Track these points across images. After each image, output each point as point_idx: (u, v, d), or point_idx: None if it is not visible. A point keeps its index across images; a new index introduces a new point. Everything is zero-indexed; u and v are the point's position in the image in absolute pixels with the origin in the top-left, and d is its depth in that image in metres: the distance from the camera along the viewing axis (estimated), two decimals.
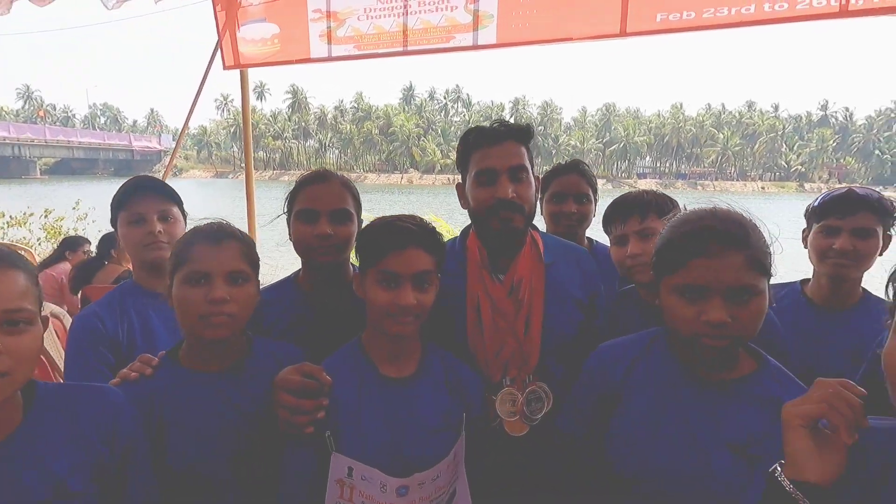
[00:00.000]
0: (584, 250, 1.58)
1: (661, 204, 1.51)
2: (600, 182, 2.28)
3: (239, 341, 1.24)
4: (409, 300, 1.15)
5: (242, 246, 1.19)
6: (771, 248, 1.01)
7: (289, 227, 1.48)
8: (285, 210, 1.49)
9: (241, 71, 3.60)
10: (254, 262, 1.22)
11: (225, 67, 3.52)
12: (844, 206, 1.48)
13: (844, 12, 2.48)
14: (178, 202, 1.59)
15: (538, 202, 2.10)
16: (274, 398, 1.15)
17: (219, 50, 3.49)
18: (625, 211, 1.55)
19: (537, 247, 1.48)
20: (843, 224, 1.47)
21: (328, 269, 1.45)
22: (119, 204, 1.53)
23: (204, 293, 1.12)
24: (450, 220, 7.53)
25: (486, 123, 1.42)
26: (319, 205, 1.41)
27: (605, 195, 1.93)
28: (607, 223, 1.62)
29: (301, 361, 1.22)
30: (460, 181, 1.49)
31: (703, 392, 1.07)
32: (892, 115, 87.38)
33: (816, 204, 1.56)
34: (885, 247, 1.51)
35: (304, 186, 1.46)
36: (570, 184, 2.02)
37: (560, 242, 1.57)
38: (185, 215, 1.61)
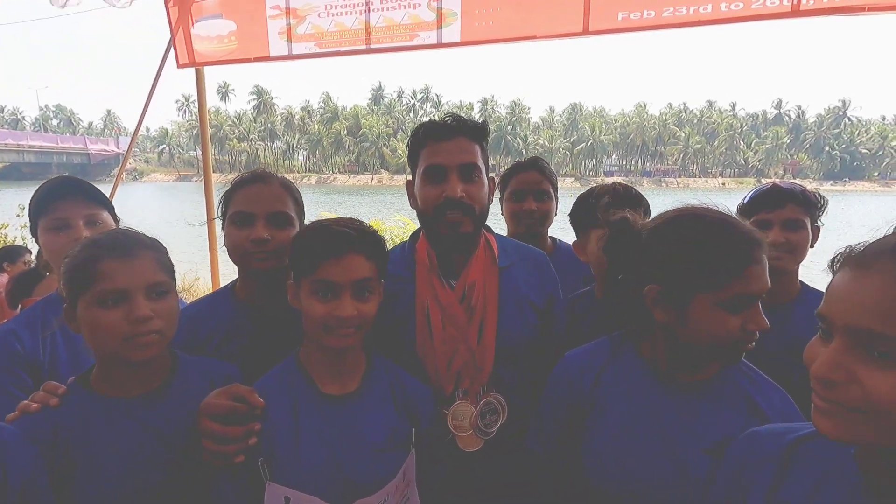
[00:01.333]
0: (540, 253, 1.52)
1: (631, 196, 1.50)
2: (569, 180, 2.28)
3: (162, 361, 1.13)
4: (349, 311, 1.06)
5: (157, 254, 1.08)
6: None
7: (224, 231, 1.38)
8: (220, 213, 1.38)
9: (196, 70, 3.46)
10: (170, 270, 1.11)
11: (179, 66, 3.37)
12: (772, 200, 1.50)
13: (796, 12, 2.56)
14: (108, 206, 1.46)
15: (503, 203, 2.05)
16: (198, 427, 1.04)
17: (172, 48, 3.34)
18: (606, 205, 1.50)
19: (491, 250, 1.41)
20: (772, 217, 1.50)
21: (266, 276, 1.34)
22: (39, 209, 1.38)
23: (124, 313, 0.99)
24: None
25: (439, 117, 1.35)
26: (256, 207, 1.31)
27: (574, 193, 1.89)
28: (579, 218, 1.58)
29: (236, 380, 1.13)
30: (410, 178, 1.42)
31: (675, 396, 1.05)
32: (840, 112, 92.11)
33: (746, 201, 1.59)
34: (815, 238, 1.55)
35: (240, 188, 1.35)
36: (530, 181, 1.97)
37: (515, 245, 1.51)
38: (117, 221, 1.48)
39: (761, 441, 0.84)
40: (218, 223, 1.41)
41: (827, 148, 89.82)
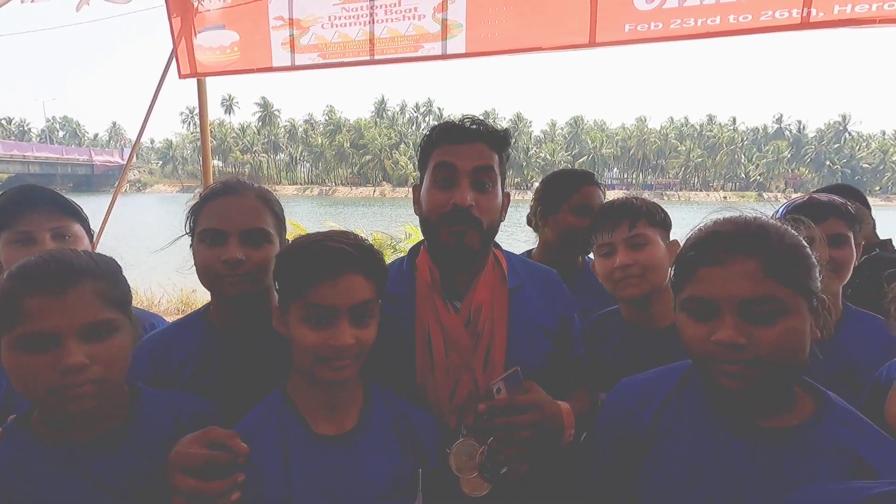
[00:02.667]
0: (551, 271, 1.40)
1: (651, 210, 1.40)
2: None
3: (118, 397, 0.96)
4: (347, 340, 0.93)
5: (100, 284, 0.88)
6: (815, 263, 0.84)
7: (192, 250, 1.21)
8: (188, 230, 1.20)
9: (198, 80, 3.43)
10: (120, 301, 0.92)
11: (180, 76, 3.34)
12: (812, 214, 1.31)
13: (806, 24, 2.52)
14: (80, 218, 1.35)
15: (547, 212, 1.83)
16: (169, 482, 0.88)
17: (174, 58, 3.31)
18: (613, 217, 1.39)
19: (501, 268, 1.28)
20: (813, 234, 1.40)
21: (241, 301, 1.18)
22: (1, 220, 1.27)
23: (52, 360, 0.82)
24: None
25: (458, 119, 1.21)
26: (228, 223, 1.14)
27: None
28: (592, 233, 1.46)
29: (209, 417, 0.99)
30: (417, 183, 1.28)
31: (752, 443, 0.86)
32: (840, 127, 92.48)
33: (779, 216, 1.46)
34: (860, 255, 1.42)
35: (209, 200, 1.18)
36: (596, 198, 1.81)
37: (527, 264, 1.38)
38: (91, 235, 1.38)
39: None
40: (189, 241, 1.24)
41: (828, 162, 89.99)
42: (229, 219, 1.15)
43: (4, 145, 71.22)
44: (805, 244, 0.85)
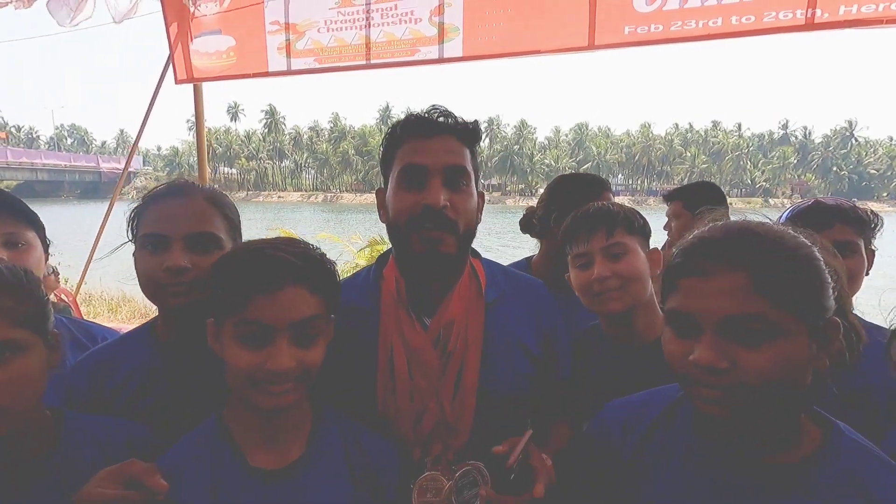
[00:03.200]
0: (537, 283, 1.27)
1: (629, 217, 1.28)
2: None
3: (39, 424, 0.86)
4: (284, 362, 0.81)
5: (2, 299, 0.78)
6: (828, 279, 0.72)
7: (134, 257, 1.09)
8: (130, 236, 1.09)
9: (194, 85, 3.41)
10: (31, 317, 0.82)
11: (177, 82, 3.33)
12: (816, 221, 1.23)
13: (810, 25, 2.46)
14: (36, 226, 1.27)
15: (551, 217, 1.71)
16: None
17: (170, 64, 3.30)
18: (588, 225, 1.27)
19: (477, 279, 1.15)
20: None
21: (187, 314, 1.04)
22: None
23: None
24: None
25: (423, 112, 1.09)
26: (171, 227, 1.03)
27: None
28: (566, 242, 1.33)
29: (141, 446, 0.89)
30: (382, 186, 1.16)
31: (750, 481, 0.75)
32: (847, 133, 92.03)
33: (783, 222, 1.38)
34: (870, 265, 1.33)
35: (152, 203, 1.07)
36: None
37: (508, 273, 1.24)
38: (46, 244, 1.30)
39: None
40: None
41: (835, 168, 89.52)
42: (173, 223, 1.04)
43: (13, 153, 72.16)
44: (817, 256, 0.72)
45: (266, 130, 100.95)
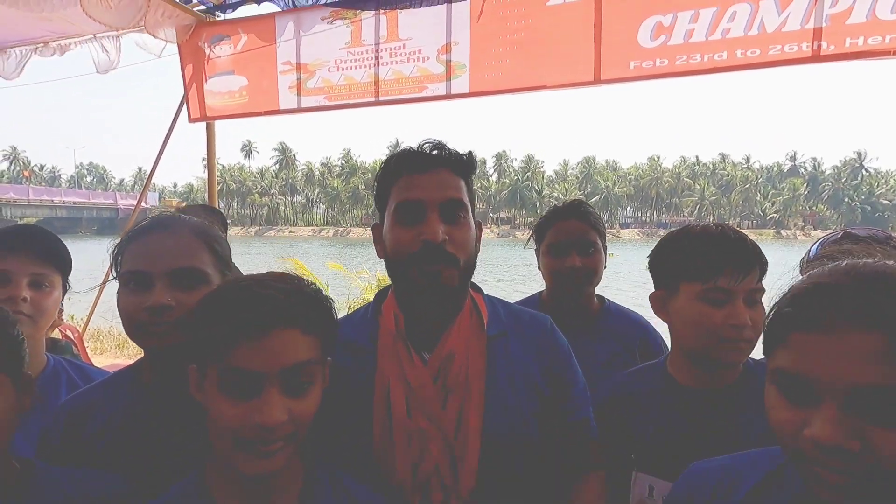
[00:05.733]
0: (543, 318, 1.19)
1: (764, 260, 1.11)
2: None
3: (4, 475, 0.80)
4: (275, 415, 0.73)
5: None
6: None
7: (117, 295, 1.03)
8: (114, 274, 1.03)
9: (207, 124, 3.50)
10: (3, 356, 0.78)
11: (190, 120, 3.41)
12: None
13: (816, 57, 2.47)
14: (62, 269, 1.27)
15: (539, 257, 1.67)
16: None
17: (185, 103, 3.39)
18: (742, 262, 1.08)
19: (478, 313, 1.10)
20: None
21: (171, 355, 0.97)
22: None
23: None
24: None
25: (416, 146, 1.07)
26: (152, 264, 0.97)
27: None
28: (694, 268, 1.11)
29: (118, 501, 0.83)
30: (378, 221, 1.13)
31: None
32: (857, 164, 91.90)
33: (812, 254, 1.24)
34: None
35: (134, 239, 1.01)
36: (573, 231, 1.62)
37: (513, 310, 1.19)
38: (66, 289, 1.30)
39: None
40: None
41: (846, 199, 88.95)
42: (155, 259, 0.98)
43: (35, 191, 74.33)
44: None
45: (278, 167, 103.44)
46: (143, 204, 4.25)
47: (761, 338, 0.73)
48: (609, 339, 1.56)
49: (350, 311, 1.27)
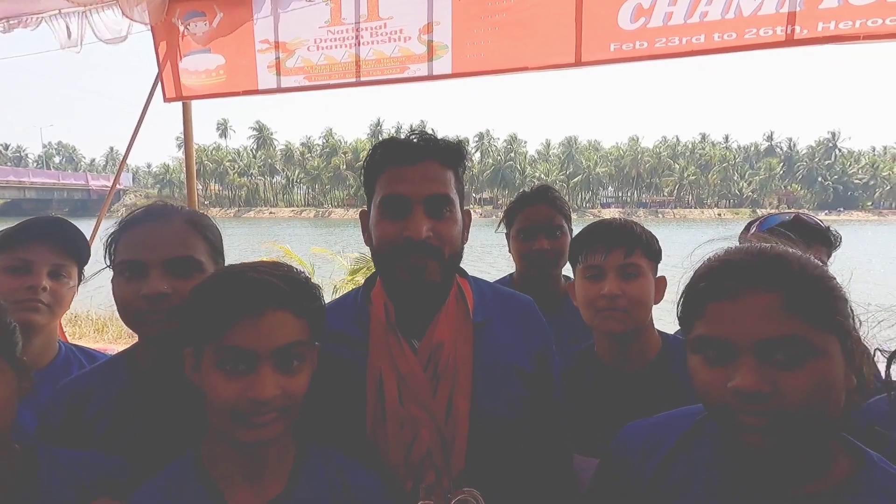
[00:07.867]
0: (526, 300, 1.23)
1: (649, 241, 1.26)
2: None
3: (9, 460, 0.83)
4: (269, 390, 0.78)
5: None
6: (845, 296, 0.72)
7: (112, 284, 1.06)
8: (108, 262, 1.06)
9: (183, 104, 3.41)
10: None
11: (165, 100, 3.32)
12: (800, 237, 1.30)
13: (790, 41, 2.52)
14: (80, 261, 1.31)
15: (509, 241, 1.78)
16: None
17: (159, 82, 3.29)
18: (609, 240, 1.24)
19: (464, 301, 1.12)
20: None
21: (167, 342, 1.01)
22: (3, 242, 1.23)
23: None
24: None
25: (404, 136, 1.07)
26: (148, 253, 1.00)
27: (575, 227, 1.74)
28: (579, 251, 1.30)
29: (118, 480, 0.86)
30: (365, 208, 1.14)
31: None
32: (830, 144, 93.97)
33: (763, 230, 1.39)
34: None
35: (129, 229, 1.04)
36: (540, 216, 1.71)
37: (500, 293, 1.21)
38: (80, 279, 1.33)
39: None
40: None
41: (820, 179, 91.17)
42: (151, 248, 1.01)
43: (1, 171, 71.45)
44: (832, 275, 0.73)
45: (256, 146, 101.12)
46: (117, 182, 4.15)
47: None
48: (575, 317, 1.63)
49: (335, 292, 1.30)
